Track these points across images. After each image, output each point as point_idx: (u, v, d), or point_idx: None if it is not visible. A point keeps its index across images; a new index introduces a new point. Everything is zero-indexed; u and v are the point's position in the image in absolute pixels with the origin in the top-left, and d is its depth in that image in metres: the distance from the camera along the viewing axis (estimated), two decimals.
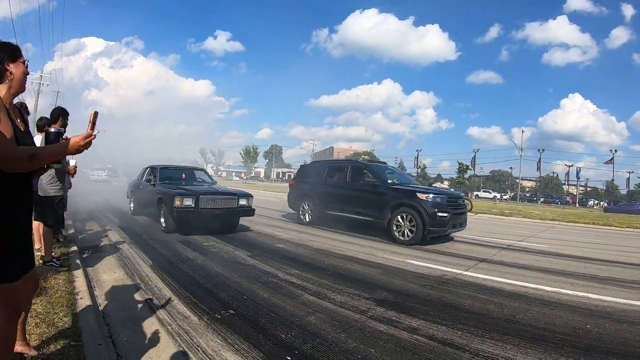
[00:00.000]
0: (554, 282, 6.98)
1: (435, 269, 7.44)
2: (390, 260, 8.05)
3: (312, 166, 15.10)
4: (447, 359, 3.70)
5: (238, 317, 4.40)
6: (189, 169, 13.48)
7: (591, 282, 7.17)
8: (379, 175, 11.56)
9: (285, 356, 3.50)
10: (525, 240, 12.91)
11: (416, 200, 10.11)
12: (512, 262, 8.62)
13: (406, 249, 9.57)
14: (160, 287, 5.26)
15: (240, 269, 6.52)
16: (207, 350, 3.50)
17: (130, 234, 9.48)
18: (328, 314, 4.67)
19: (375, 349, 3.80)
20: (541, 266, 8.38)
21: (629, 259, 10.16)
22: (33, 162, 2.19)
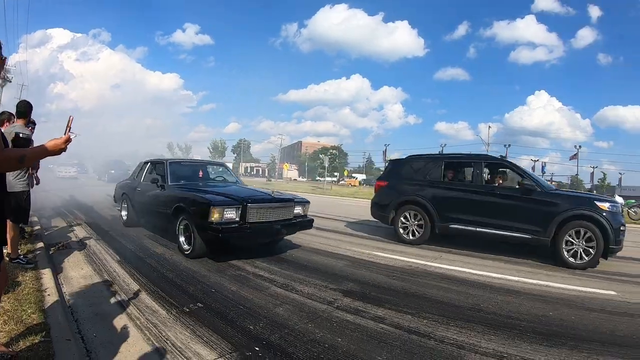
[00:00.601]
0: (516, 271, 7.34)
1: (401, 261, 7.69)
2: (356, 252, 8.27)
3: (416, 161, 10.65)
4: (412, 346, 3.89)
5: (206, 310, 4.51)
6: (206, 163, 10.66)
7: (552, 271, 7.59)
8: (532, 176, 9.14)
9: (254, 347, 3.63)
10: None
11: (598, 211, 7.91)
12: (476, 253, 8.92)
13: (370, 241, 9.94)
14: (129, 283, 5.34)
15: (208, 263, 6.64)
16: (176, 342, 3.60)
17: (97, 230, 9.49)
18: (295, 305, 4.81)
19: (342, 337, 3.97)
20: (503, 256, 8.72)
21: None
22: (22, 164, 2.32)
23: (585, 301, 5.72)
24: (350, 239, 10.18)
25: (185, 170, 9.17)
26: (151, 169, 9.35)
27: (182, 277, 5.77)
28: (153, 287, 5.18)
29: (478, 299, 5.56)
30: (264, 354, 3.51)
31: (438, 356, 3.72)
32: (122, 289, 5.05)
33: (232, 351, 3.53)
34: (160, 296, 4.88)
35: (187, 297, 4.93)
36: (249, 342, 3.74)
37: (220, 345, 3.64)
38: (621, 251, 7.81)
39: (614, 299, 5.87)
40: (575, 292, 6.20)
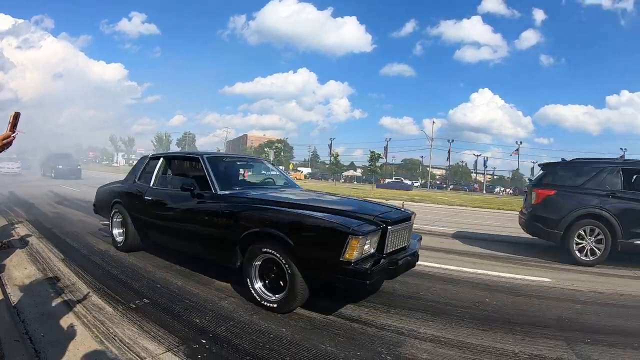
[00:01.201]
0: (457, 261, 7.85)
1: None
2: None
3: (588, 166, 9.01)
4: (354, 334, 4.17)
5: (153, 305, 4.64)
6: (246, 159, 8.28)
7: (491, 260, 8.16)
8: None
9: (200, 339, 3.81)
10: (432, 224, 13.92)
11: None
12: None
13: None
14: (74, 281, 5.38)
15: (153, 259, 6.76)
16: (124, 339, 3.71)
17: (40, 228, 9.31)
18: (240, 299, 5.01)
19: (286, 328, 4.20)
20: (445, 247, 9.31)
21: (530, 240, 11.20)
22: None
23: (520, 288, 6.22)
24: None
25: (232, 171, 6.80)
26: (166, 167, 6.93)
27: (127, 273, 5.85)
28: (99, 285, 5.25)
29: (418, 287, 5.92)
30: (210, 346, 3.68)
31: (378, 342, 4.00)
32: (67, 288, 5.09)
33: (179, 344, 3.68)
34: (106, 293, 4.95)
35: (133, 293, 5.03)
36: (195, 336, 3.89)
37: (168, 339, 3.78)
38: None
39: (547, 285, 6.40)
40: (512, 279, 6.73)
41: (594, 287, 6.57)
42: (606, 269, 7.86)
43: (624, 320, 5.06)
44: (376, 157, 57.33)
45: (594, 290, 6.44)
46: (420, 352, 3.87)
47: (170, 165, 7.01)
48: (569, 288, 6.49)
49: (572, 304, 5.64)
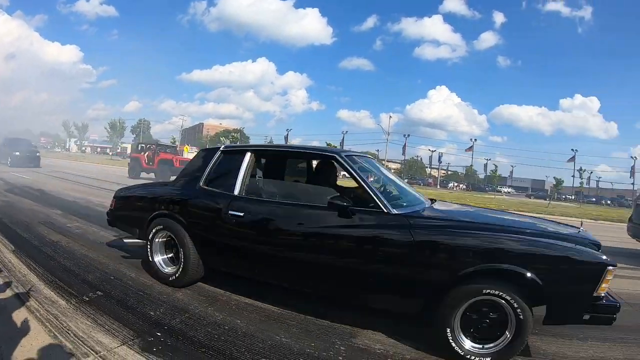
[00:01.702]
0: None
1: None
2: None
3: None
4: (308, 325, 4.32)
5: (106, 298, 4.64)
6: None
7: None
8: None
9: (155, 332, 3.85)
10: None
11: None
12: None
13: None
14: (25, 273, 5.30)
15: (106, 250, 6.73)
16: (78, 332, 3.71)
17: None
18: (195, 290, 5.07)
19: (241, 320, 4.28)
20: None
21: None
22: None
23: None
24: None
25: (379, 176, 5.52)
26: (258, 168, 5.35)
27: (80, 265, 5.79)
28: (51, 277, 5.18)
29: None
30: (165, 339, 3.73)
31: (333, 333, 4.14)
32: (19, 281, 5.02)
33: (134, 337, 3.71)
34: (59, 286, 4.90)
35: (87, 285, 5.00)
36: (150, 328, 3.93)
37: (122, 332, 3.80)
38: None
39: None
40: None
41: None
42: None
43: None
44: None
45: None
46: (374, 343, 4.01)
47: (269, 164, 5.56)
48: None
49: None
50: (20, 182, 17.25)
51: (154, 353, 3.46)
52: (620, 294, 5.83)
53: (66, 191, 14.80)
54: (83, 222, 9.03)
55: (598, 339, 4.51)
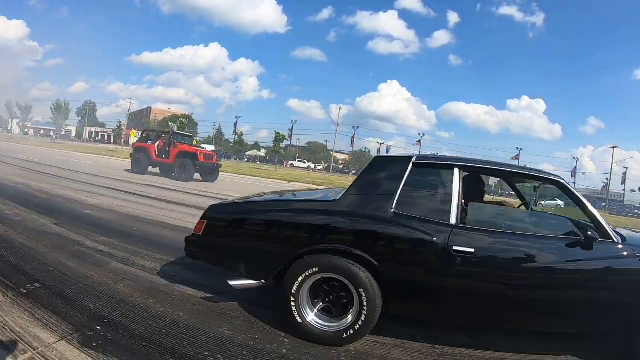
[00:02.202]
0: None
1: None
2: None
3: None
4: (252, 317, 4.40)
5: (45, 290, 4.51)
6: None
7: None
8: None
9: (95, 326, 3.78)
10: None
11: None
12: None
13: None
14: None
15: (46, 239, 6.53)
16: (15, 328, 3.60)
17: None
18: (137, 281, 5.02)
19: (183, 312, 4.26)
20: None
21: None
22: None
23: None
24: (195, 212, 10.26)
25: None
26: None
27: (17, 255, 5.62)
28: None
29: None
30: (105, 333, 3.68)
31: (276, 325, 4.19)
32: None
33: (73, 332, 3.63)
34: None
35: (24, 277, 4.85)
36: (89, 322, 3.86)
37: (61, 326, 3.71)
38: None
39: None
40: None
41: None
42: None
43: None
44: (281, 138, 57.83)
45: None
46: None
47: (469, 183, 4.58)
48: None
49: None
50: None
51: (93, 348, 3.41)
52: None
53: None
54: (22, 209, 8.71)
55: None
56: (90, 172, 18.06)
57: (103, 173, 19.32)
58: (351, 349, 3.85)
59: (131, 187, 15.16)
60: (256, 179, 30.80)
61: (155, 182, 18.58)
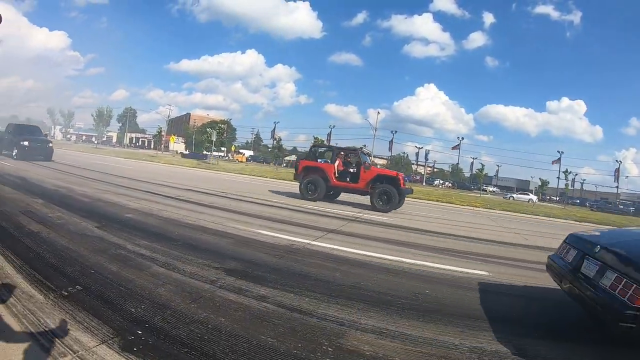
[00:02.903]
0: (396, 251, 7.99)
1: (284, 239, 8.05)
2: (240, 231, 8.49)
3: None
4: (294, 324, 4.16)
5: (86, 292, 4.46)
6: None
7: (430, 252, 8.36)
8: None
9: (136, 330, 3.70)
10: (373, 214, 14.42)
11: None
12: (359, 233, 9.69)
13: (256, 220, 10.25)
14: (1, 265, 5.11)
15: (87, 242, 6.51)
16: (56, 330, 3.54)
17: None
18: (178, 285, 4.93)
19: (225, 317, 4.14)
20: (385, 237, 9.56)
21: (465, 232, 11.87)
22: None
23: (460, 281, 6.40)
24: (235, 217, 10.43)
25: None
26: None
27: (59, 257, 5.60)
28: (29, 270, 4.99)
29: (359, 277, 5.99)
30: (146, 337, 3.60)
31: (320, 333, 4.01)
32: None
33: (114, 336, 3.56)
34: (36, 279, 4.72)
35: (66, 279, 4.83)
36: (131, 326, 3.78)
37: (102, 330, 3.65)
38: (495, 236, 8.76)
39: (486, 279, 6.57)
40: (451, 271, 6.91)
41: (529, 282, 6.86)
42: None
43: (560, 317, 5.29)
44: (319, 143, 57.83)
45: (530, 285, 6.77)
46: (362, 344, 3.91)
47: None
48: (505, 282, 6.76)
49: (510, 298, 5.90)
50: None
51: (134, 353, 3.32)
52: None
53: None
54: (65, 212, 8.75)
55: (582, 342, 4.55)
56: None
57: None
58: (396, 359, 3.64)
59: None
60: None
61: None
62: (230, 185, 20.88)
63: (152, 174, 23.58)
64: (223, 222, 9.42)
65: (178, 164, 44.20)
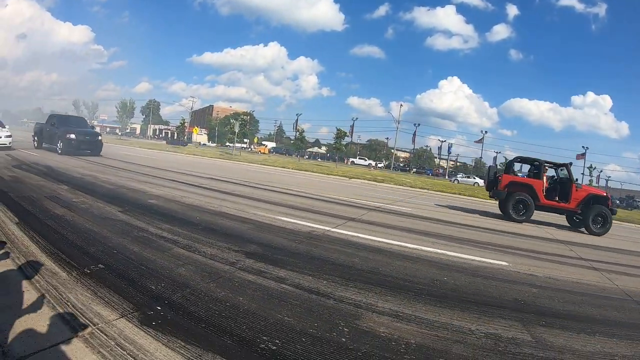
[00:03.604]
0: (416, 240, 8.01)
1: (305, 226, 8.12)
2: (261, 217, 8.58)
3: None
4: (312, 305, 4.21)
5: (108, 271, 4.57)
6: None
7: (450, 241, 8.36)
8: None
9: (155, 306, 3.79)
10: (394, 204, 14.42)
11: None
12: (379, 222, 9.73)
13: (276, 207, 10.34)
14: (28, 245, 5.21)
15: (110, 225, 6.63)
16: (77, 304, 3.65)
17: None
18: (198, 266, 5.01)
19: (243, 297, 4.21)
20: (406, 226, 9.58)
21: (485, 224, 11.79)
22: None
23: (479, 269, 6.40)
24: (257, 204, 10.49)
25: None
26: None
27: (83, 238, 5.72)
28: (53, 249, 5.11)
29: (377, 263, 6.03)
30: (165, 313, 3.67)
31: (336, 314, 4.06)
32: (21, 252, 4.94)
33: (133, 311, 3.64)
34: (60, 258, 4.83)
35: (89, 258, 4.94)
36: (150, 302, 3.87)
37: (122, 305, 3.73)
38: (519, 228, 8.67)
39: (505, 269, 6.63)
40: (470, 260, 6.93)
41: (549, 273, 6.85)
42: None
43: (577, 307, 5.31)
44: (342, 134, 57.66)
45: (549, 276, 6.72)
46: (378, 326, 3.94)
47: None
48: (525, 272, 6.72)
49: (528, 288, 5.85)
50: (27, 158, 17.26)
51: (152, 327, 3.40)
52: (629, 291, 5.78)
53: None
54: (89, 197, 8.94)
55: (605, 334, 4.51)
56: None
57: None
58: (412, 342, 3.72)
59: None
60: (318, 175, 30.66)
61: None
62: (253, 176, 20.91)
63: (175, 164, 23.76)
64: (245, 208, 9.52)
65: (201, 153, 44.44)
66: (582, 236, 13.22)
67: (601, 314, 5.13)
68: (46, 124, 23.43)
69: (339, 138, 58.24)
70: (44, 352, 2.86)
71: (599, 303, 5.56)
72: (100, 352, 2.93)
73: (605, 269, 7.93)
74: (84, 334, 3.17)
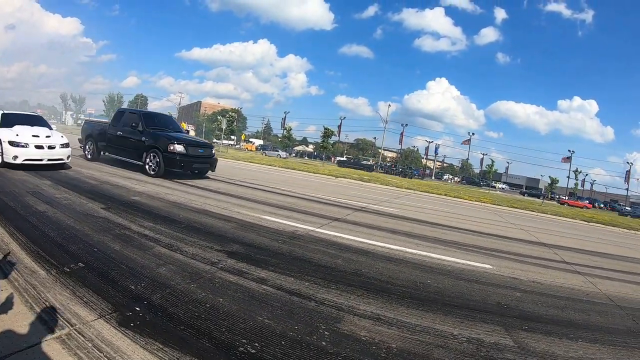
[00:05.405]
0: (400, 241, 7.99)
1: (288, 225, 8.10)
2: (245, 215, 8.56)
3: None
4: (293, 307, 4.21)
5: (88, 269, 4.54)
6: None
7: (435, 243, 8.36)
8: None
9: (134, 307, 3.77)
10: (379, 204, 14.37)
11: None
12: (364, 223, 9.70)
13: (261, 206, 10.29)
14: (7, 242, 5.17)
15: (92, 222, 6.58)
16: (55, 304, 3.62)
17: None
18: (179, 266, 5.00)
19: (223, 298, 4.20)
20: (390, 227, 9.57)
21: (471, 226, 11.95)
22: None
23: (463, 272, 6.41)
24: (241, 202, 10.46)
25: None
26: None
27: (64, 235, 5.68)
28: (33, 247, 5.07)
29: (360, 264, 6.04)
30: (144, 314, 3.66)
31: (317, 317, 4.06)
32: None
33: (112, 312, 3.62)
34: (40, 256, 4.79)
35: (69, 256, 4.91)
36: (129, 302, 3.85)
37: (100, 305, 3.72)
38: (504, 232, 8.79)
39: (489, 272, 6.62)
40: (454, 263, 6.93)
41: (533, 277, 6.84)
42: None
43: (560, 311, 5.34)
44: (329, 133, 57.63)
45: (533, 279, 6.75)
46: (359, 329, 3.95)
47: None
48: (509, 276, 6.77)
49: (512, 292, 5.89)
50: None
51: (130, 328, 3.38)
52: (611, 296, 5.84)
53: None
54: (72, 194, 8.83)
55: (588, 340, 4.54)
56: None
57: None
58: (392, 346, 3.73)
59: None
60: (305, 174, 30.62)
61: None
62: (239, 173, 20.86)
63: None
64: (228, 207, 9.48)
65: None
66: (568, 240, 13.26)
67: (584, 319, 5.17)
68: (115, 123, 15.68)
69: (326, 136, 58.23)
70: (21, 353, 2.85)
71: (582, 308, 5.59)
72: (77, 355, 2.91)
73: (589, 273, 7.99)
74: (62, 335, 3.15)
